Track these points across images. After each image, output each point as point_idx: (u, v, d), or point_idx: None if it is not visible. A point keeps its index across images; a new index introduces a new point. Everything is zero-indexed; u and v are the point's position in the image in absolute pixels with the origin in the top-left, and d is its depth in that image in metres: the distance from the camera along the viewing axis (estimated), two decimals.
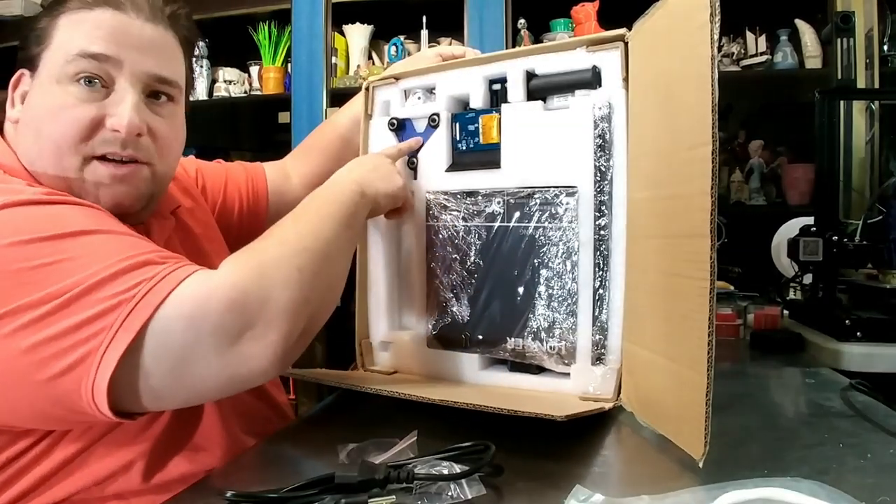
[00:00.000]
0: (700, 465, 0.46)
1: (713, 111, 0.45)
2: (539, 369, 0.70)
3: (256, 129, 2.56)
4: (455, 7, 1.94)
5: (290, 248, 0.55)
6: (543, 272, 0.68)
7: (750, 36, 1.91)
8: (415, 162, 0.78)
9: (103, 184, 0.59)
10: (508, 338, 0.71)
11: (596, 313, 0.66)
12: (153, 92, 0.62)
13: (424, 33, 2.01)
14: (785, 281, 1.28)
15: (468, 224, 0.74)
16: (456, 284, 0.75)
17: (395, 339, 0.80)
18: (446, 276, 0.76)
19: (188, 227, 0.75)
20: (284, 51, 2.17)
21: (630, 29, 0.64)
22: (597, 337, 0.66)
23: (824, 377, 0.82)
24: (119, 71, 0.59)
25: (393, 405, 0.63)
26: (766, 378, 0.86)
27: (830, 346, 0.96)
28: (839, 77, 1.33)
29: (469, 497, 0.44)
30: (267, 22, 2.17)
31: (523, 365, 0.71)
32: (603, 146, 0.65)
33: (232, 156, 2.27)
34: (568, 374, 0.67)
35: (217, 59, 2.27)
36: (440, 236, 0.76)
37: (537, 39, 1.98)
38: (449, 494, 0.44)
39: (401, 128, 0.80)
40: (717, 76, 0.45)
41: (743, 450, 0.55)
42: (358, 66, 2.10)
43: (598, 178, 0.66)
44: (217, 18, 2.10)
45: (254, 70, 2.25)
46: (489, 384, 0.73)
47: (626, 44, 0.65)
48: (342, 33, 2.14)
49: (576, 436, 0.58)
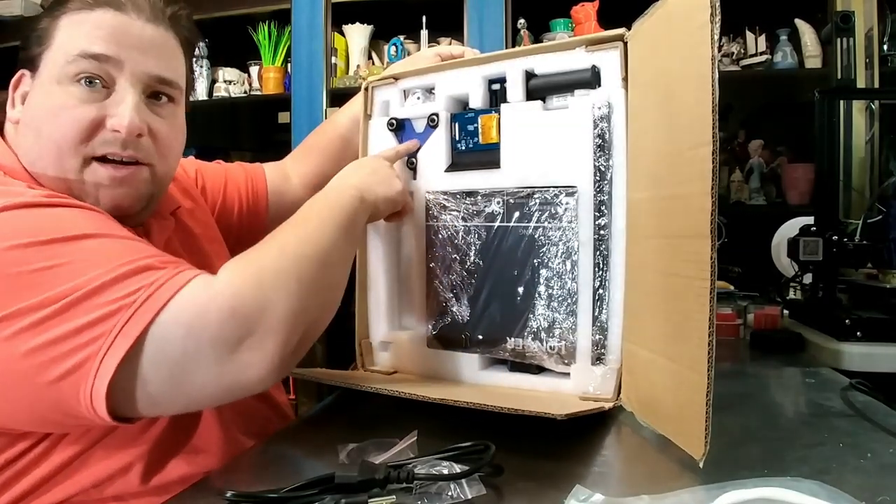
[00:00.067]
0: (700, 466, 0.46)
1: (713, 111, 0.45)
2: (539, 369, 0.70)
3: (256, 129, 2.56)
4: (455, 7, 1.94)
5: (290, 256, 0.55)
6: (543, 272, 0.68)
7: (750, 36, 1.91)
8: (414, 162, 0.78)
9: (103, 185, 0.59)
10: (508, 338, 0.71)
11: (596, 313, 0.66)
12: (154, 92, 0.62)
13: (424, 33, 2.01)
14: (785, 281, 1.28)
15: (468, 224, 0.74)
16: (456, 284, 0.75)
17: (395, 339, 0.80)
18: (446, 276, 0.76)
19: (188, 228, 0.75)
20: (284, 51, 2.17)
21: (630, 29, 0.64)
22: (597, 337, 0.66)
23: (824, 377, 0.82)
24: (120, 71, 0.59)
25: (393, 405, 0.63)
26: (766, 378, 0.85)
27: (830, 346, 0.96)
28: (839, 77, 1.33)
29: (469, 497, 0.44)
30: (267, 22, 2.17)
31: (523, 365, 0.71)
32: (602, 146, 0.65)
33: (232, 156, 2.27)
34: (568, 374, 0.67)
35: (217, 59, 2.27)
36: (440, 236, 0.76)
37: (537, 39, 1.98)
38: (449, 494, 0.44)
39: (400, 128, 0.80)
40: (718, 76, 0.44)
41: (743, 450, 0.55)
42: (358, 66, 2.10)
43: (598, 178, 0.66)
44: (217, 18, 2.10)
45: (254, 70, 2.25)
46: (489, 384, 0.73)
47: (626, 44, 0.65)
48: (342, 33, 2.14)
49: (576, 436, 0.58)
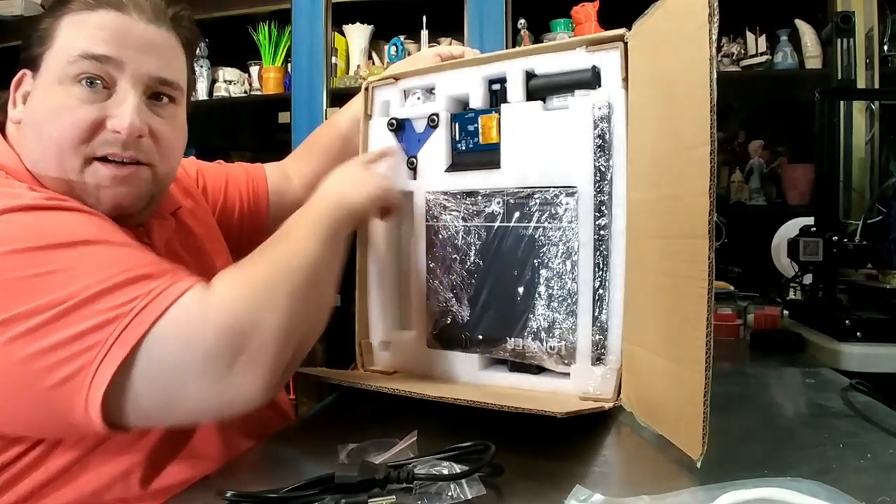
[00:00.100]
0: (698, 466, 0.46)
1: (711, 111, 0.45)
2: (539, 369, 0.70)
3: (256, 129, 2.56)
4: (455, 7, 1.94)
5: (280, 271, 0.55)
6: (543, 272, 0.68)
7: (750, 36, 1.91)
8: (414, 162, 0.78)
9: (104, 185, 0.59)
10: (508, 338, 0.71)
11: (596, 313, 0.66)
12: (155, 93, 0.62)
13: (424, 33, 2.01)
14: (785, 281, 1.28)
15: (468, 224, 0.74)
16: (456, 284, 0.75)
17: (395, 339, 0.80)
18: (446, 276, 0.76)
19: (189, 228, 0.75)
20: (284, 51, 2.17)
21: (630, 29, 0.64)
22: (597, 337, 0.66)
23: (824, 377, 0.82)
24: (121, 72, 0.59)
25: (393, 405, 0.63)
26: (766, 378, 0.85)
27: (830, 346, 0.96)
28: (839, 77, 1.33)
29: (469, 497, 0.44)
30: (267, 22, 2.16)
31: (523, 365, 0.71)
32: (602, 146, 0.65)
33: (232, 156, 2.27)
34: (568, 375, 0.67)
35: (217, 59, 2.27)
36: (440, 236, 0.76)
37: (537, 39, 1.98)
38: (449, 494, 0.44)
39: (400, 128, 0.80)
40: (716, 76, 0.44)
41: (743, 450, 0.55)
42: (358, 66, 2.10)
43: (598, 178, 0.66)
44: (217, 18, 2.10)
45: (254, 70, 2.25)
46: (489, 384, 0.73)
47: (626, 44, 0.65)
48: (342, 33, 2.14)
49: (576, 436, 0.58)
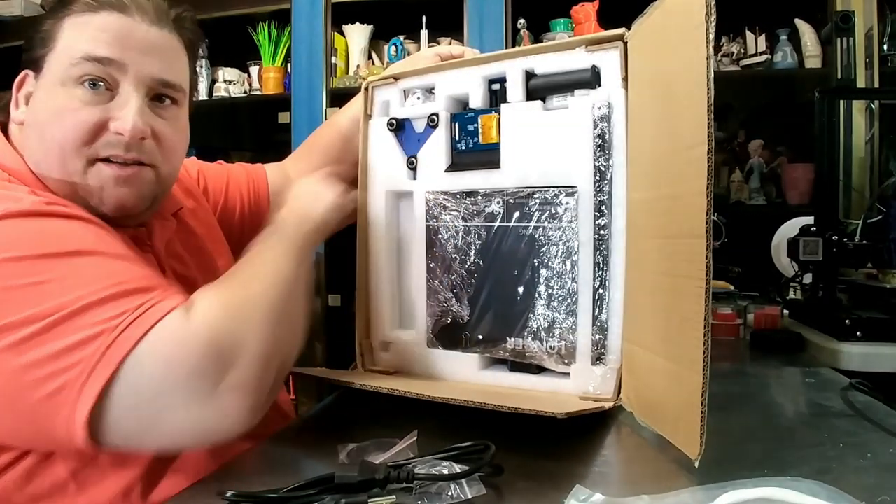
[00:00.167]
0: (696, 465, 0.46)
1: (709, 111, 0.45)
2: (539, 369, 0.70)
3: (256, 129, 2.56)
4: (455, 7, 1.94)
5: (259, 287, 0.55)
6: (543, 272, 0.68)
7: (750, 36, 1.90)
8: (414, 162, 0.78)
9: (107, 185, 0.59)
10: (508, 338, 0.71)
11: (596, 313, 0.66)
12: (157, 95, 0.62)
13: (424, 33, 2.01)
14: (785, 281, 1.28)
15: (468, 224, 0.74)
16: (456, 284, 0.75)
17: (395, 339, 0.80)
18: (446, 276, 0.76)
19: (191, 228, 0.75)
20: (284, 51, 2.17)
21: (629, 29, 0.64)
22: (597, 337, 0.66)
23: (824, 377, 0.82)
24: (124, 74, 0.59)
25: (393, 405, 0.63)
26: (766, 378, 0.85)
27: (830, 346, 0.96)
28: (839, 77, 1.33)
29: (469, 497, 0.44)
30: (267, 22, 2.16)
31: (523, 365, 0.71)
32: (602, 146, 0.65)
33: (232, 156, 2.27)
34: (568, 374, 0.67)
35: (217, 59, 2.27)
36: (440, 236, 0.76)
37: (537, 39, 1.98)
38: (449, 494, 0.44)
39: (400, 128, 0.80)
40: (714, 76, 0.44)
41: (743, 450, 0.55)
42: (358, 66, 2.10)
43: (598, 178, 0.66)
44: (217, 18, 2.10)
45: (254, 70, 2.24)
46: (489, 384, 0.73)
47: (626, 43, 0.65)
48: (342, 33, 2.14)
49: (576, 435, 0.58)
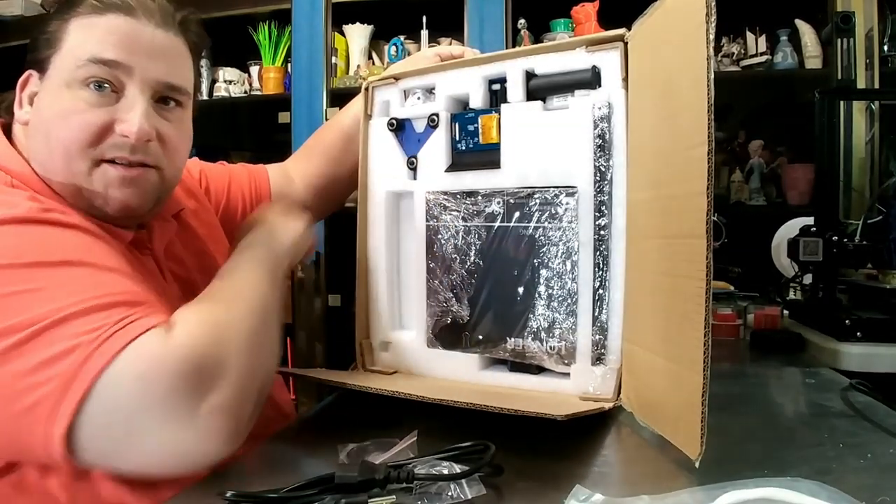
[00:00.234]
0: (696, 466, 0.46)
1: (709, 111, 0.45)
2: (539, 369, 0.70)
3: (256, 129, 2.56)
4: (455, 7, 1.94)
5: (239, 308, 0.55)
6: (543, 272, 0.68)
7: (750, 36, 1.90)
8: (414, 162, 0.78)
9: (112, 186, 0.59)
10: (508, 338, 0.71)
11: (596, 313, 0.66)
12: (162, 97, 0.63)
13: (424, 33, 2.01)
14: (785, 281, 1.28)
15: (468, 224, 0.74)
16: (456, 284, 0.75)
17: (395, 339, 0.80)
18: (446, 276, 0.76)
19: (192, 229, 0.75)
20: (284, 51, 2.17)
21: (630, 29, 0.64)
22: (597, 337, 0.66)
23: (824, 377, 0.82)
24: (129, 77, 0.59)
25: (393, 405, 0.63)
26: (766, 378, 0.85)
27: (830, 346, 0.96)
28: (839, 77, 1.33)
29: (469, 497, 0.44)
30: (267, 22, 2.16)
31: (523, 365, 0.71)
32: (603, 146, 0.65)
33: (232, 156, 2.27)
34: (568, 375, 0.68)
35: (217, 59, 2.27)
36: (440, 236, 0.76)
37: (537, 39, 1.98)
38: (449, 494, 0.44)
39: (400, 128, 0.80)
40: (714, 76, 0.44)
41: (743, 450, 0.55)
42: (358, 66, 2.10)
43: (598, 178, 0.66)
44: (217, 18, 2.10)
45: (254, 70, 2.24)
46: (489, 384, 0.73)
47: (626, 44, 0.65)
48: (342, 33, 2.14)
49: (576, 436, 0.58)
